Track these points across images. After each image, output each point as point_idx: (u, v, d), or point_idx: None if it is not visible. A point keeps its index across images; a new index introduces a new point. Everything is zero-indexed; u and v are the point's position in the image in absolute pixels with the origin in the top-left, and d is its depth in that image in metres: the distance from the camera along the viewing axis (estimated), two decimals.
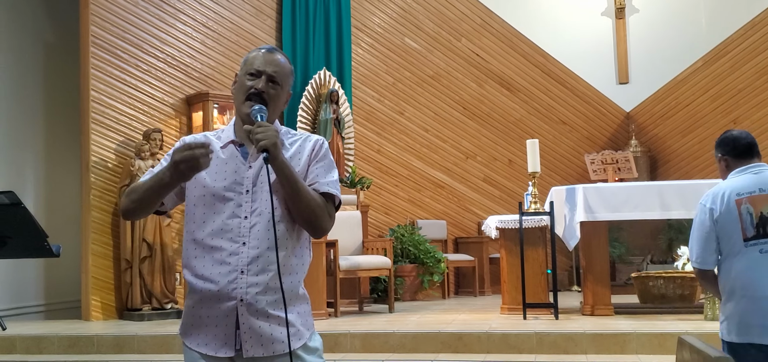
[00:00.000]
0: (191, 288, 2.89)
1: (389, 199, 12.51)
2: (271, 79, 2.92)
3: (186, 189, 2.93)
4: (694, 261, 4.36)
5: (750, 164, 4.33)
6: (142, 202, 2.87)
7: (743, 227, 4.17)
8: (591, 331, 7.23)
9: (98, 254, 9.56)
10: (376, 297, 10.96)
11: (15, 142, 10.18)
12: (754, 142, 4.39)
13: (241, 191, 2.85)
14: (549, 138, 13.31)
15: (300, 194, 2.82)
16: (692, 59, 13.17)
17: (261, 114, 2.83)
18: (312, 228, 2.93)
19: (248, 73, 2.94)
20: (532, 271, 8.67)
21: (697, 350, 2.51)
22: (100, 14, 9.79)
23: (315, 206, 2.87)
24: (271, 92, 2.92)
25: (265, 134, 2.72)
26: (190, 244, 2.88)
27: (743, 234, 4.16)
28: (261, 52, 2.98)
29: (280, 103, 2.98)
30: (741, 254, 4.16)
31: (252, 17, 11.46)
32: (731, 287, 4.18)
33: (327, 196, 2.92)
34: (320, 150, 2.98)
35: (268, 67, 2.93)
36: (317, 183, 2.92)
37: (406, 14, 12.88)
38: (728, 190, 4.26)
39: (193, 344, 2.88)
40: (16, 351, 8.07)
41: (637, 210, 8.45)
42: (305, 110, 11.36)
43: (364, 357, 7.28)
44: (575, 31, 13.56)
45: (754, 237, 4.14)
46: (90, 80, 9.66)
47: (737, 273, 4.15)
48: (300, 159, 2.94)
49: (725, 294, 4.23)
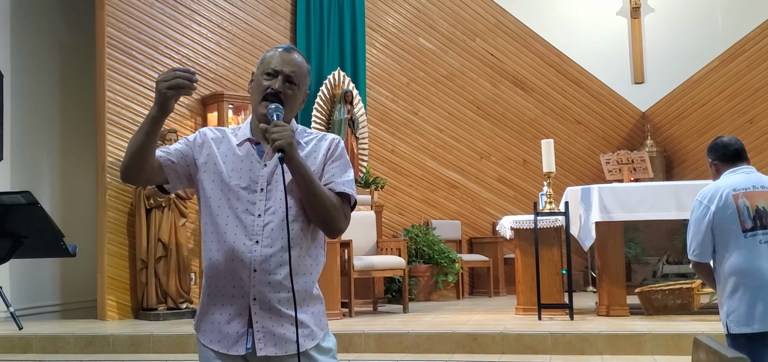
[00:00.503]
0: (205, 281, 2.89)
1: (403, 199, 12.51)
2: (288, 79, 2.90)
3: (202, 181, 2.92)
4: (692, 253, 4.60)
5: (740, 166, 4.66)
6: (135, 148, 2.79)
7: (741, 219, 4.44)
8: (606, 332, 7.21)
9: (114, 254, 9.59)
10: (390, 297, 10.96)
11: (31, 142, 10.23)
12: (743, 147, 4.74)
13: (256, 189, 2.85)
14: (564, 138, 13.27)
15: (316, 194, 2.81)
16: (708, 58, 13.10)
17: (277, 113, 2.81)
18: (327, 229, 2.91)
19: (265, 72, 2.91)
20: (547, 272, 8.65)
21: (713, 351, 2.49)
22: (116, 15, 9.82)
23: (331, 206, 2.85)
24: (287, 92, 2.89)
25: (281, 133, 2.71)
26: (207, 236, 2.88)
27: (742, 226, 4.43)
28: (278, 52, 2.95)
29: (296, 103, 2.96)
30: (741, 246, 4.41)
31: (267, 18, 11.47)
32: (735, 280, 4.39)
33: (342, 196, 2.90)
34: (336, 149, 2.96)
35: (286, 67, 2.91)
36: (333, 183, 2.90)
37: (420, 14, 12.87)
38: (724, 187, 4.55)
39: (205, 340, 2.89)
40: (32, 351, 8.11)
41: (652, 211, 8.42)
42: (320, 110, 11.37)
43: (379, 358, 7.28)
44: (590, 31, 13.51)
45: (752, 229, 4.42)
46: (105, 81, 9.69)
47: (739, 265, 4.40)
48: (315, 158, 2.93)
49: (728, 287, 4.43)
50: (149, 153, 2.81)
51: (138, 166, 2.81)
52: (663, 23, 13.41)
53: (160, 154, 2.92)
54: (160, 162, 2.90)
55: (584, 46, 13.45)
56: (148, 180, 2.90)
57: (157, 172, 2.90)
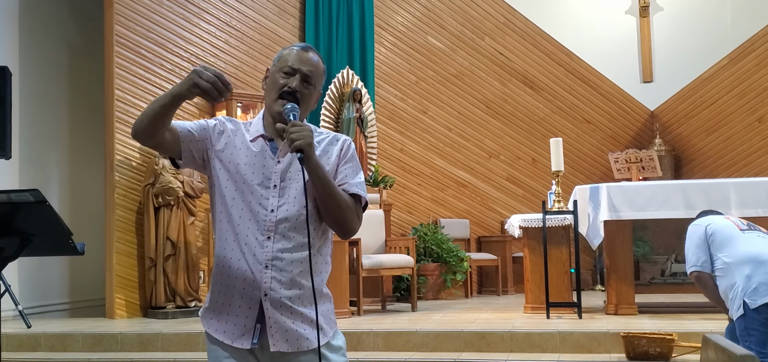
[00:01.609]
0: (216, 271, 2.89)
1: (412, 198, 12.51)
2: (306, 79, 2.89)
3: (217, 170, 2.91)
4: (693, 266, 5.11)
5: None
6: (149, 116, 2.76)
7: (736, 223, 5.10)
8: (615, 330, 7.20)
9: (122, 252, 9.61)
10: (398, 295, 10.96)
11: (40, 141, 10.25)
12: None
13: (269, 186, 2.85)
14: (572, 137, 13.26)
15: (332, 194, 2.82)
16: (717, 57, 13.07)
17: (294, 113, 2.80)
18: (341, 229, 2.91)
19: (282, 70, 2.90)
20: (556, 270, 8.65)
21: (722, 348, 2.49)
22: (125, 14, 9.84)
23: (346, 207, 2.86)
24: (304, 91, 2.89)
25: (300, 134, 2.70)
26: (222, 227, 2.88)
27: (738, 227, 5.05)
28: (295, 50, 2.94)
29: (311, 103, 2.95)
30: (743, 239, 4.95)
31: (275, 16, 11.48)
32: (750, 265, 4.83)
33: (354, 197, 2.91)
34: (348, 150, 2.97)
35: (303, 66, 2.90)
36: (347, 184, 2.91)
37: (429, 13, 12.86)
38: (716, 216, 5.31)
39: (210, 328, 2.90)
40: (40, 349, 8.12)
41: (661, 209, 8.41)
42: (328, 109, 11.38)
43: (387, 356, 7.28)
44: (599, 30, 13.49)
45: (748, 229, 5.05)
46: (114, 80, 9.71)
47: (747, 251, 4.88)
48: (329, 159, 2.93)
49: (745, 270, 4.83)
50: (163, 124, 2.79)
51: (149, 133, 2.79)
52: (672, 22, 13.38)
53: (180, 126, 2.90)
54: (179, 133, 2.88)
55: (593, 44, 13.43)
56: (158, 146, 2.87)
57: (173, 143, 2.87)
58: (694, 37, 13.20)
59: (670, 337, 6.68)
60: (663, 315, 8.26)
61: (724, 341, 2.58)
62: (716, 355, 2.57)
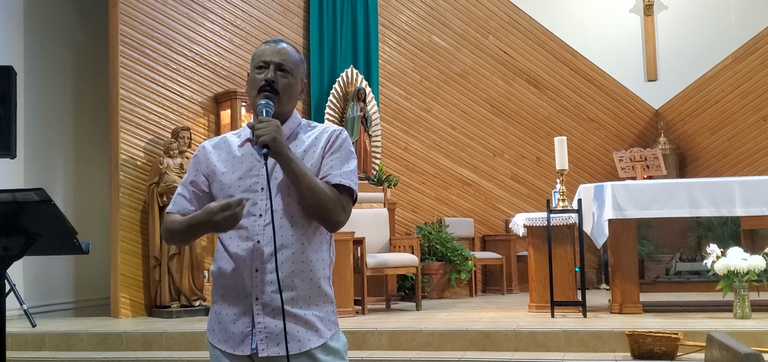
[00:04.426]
0: (213, 282, 2.92)
1: (416, 197, 12.51)
2: (280, 67, 2.89)
3: (213, 190, 2.96)
4: None
5: None
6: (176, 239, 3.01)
7: None
8: (619, 329, 7.18)
9: (127, 251, 9.62)
10: (403, 294, 10.97)
11: (45, 140, 10.26)
12: None
13: (257, 189, 2.84)
14: (577, 135, 13.26)
15: (308, 187, 2.78)
16: (722, 56, 13.06)
17: (266, 109, 2.81)
18: (324, 222, 2.87)
19: (256, 66, 2.91)
20: (560, 269, 8.64)
21: (727, 347, 2.49)
22: (129, 13, 9.85)
23: (326, 199, 2.80)
24: (281, 81, 2.88)
25: (264, 129, 2.71)
26: (219, 240, 2.91)
27: None
28: (267, 45, 2.96)
29: (294, 92, 2.94)
30: None
31: (280, 16, 11.49)
32: None
33: (342, 188, 2.87)
34: (336, 141, 2.93)
35: (275, 57, 2.90)
36: (329, 175, 2.86)
37: (433, 12, 12.86)
38: None
39: (214, 339, 2.90)
40: (45, 348, 8.13)
41: (665, 208, 8.38)
42: (333, 108, 11.39)
43: (391, 355, 7.28)
44: (603, 28, 13.49)
45: None
46: (119, 79, 9.71)
47: None
48: (315, 151, 2.91)
49: None
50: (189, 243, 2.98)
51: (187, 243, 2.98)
52: (676, 20, 13.38)
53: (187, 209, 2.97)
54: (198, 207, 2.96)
55: (597, 43, 13.43)
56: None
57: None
58: (698, 36, 13.19)
59: (675, 336, 6.67)
60: (668, 314, 8.25)
61: (729, 339, 2.57)
62: (721, 354, 2.57)
